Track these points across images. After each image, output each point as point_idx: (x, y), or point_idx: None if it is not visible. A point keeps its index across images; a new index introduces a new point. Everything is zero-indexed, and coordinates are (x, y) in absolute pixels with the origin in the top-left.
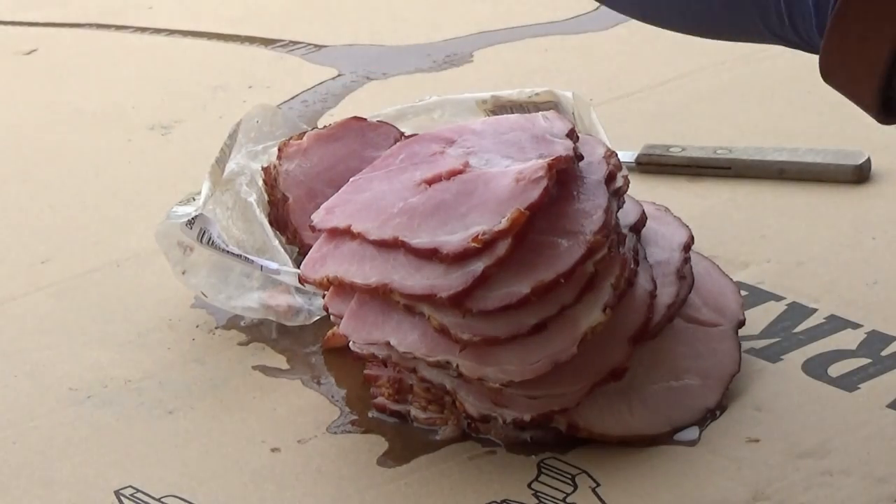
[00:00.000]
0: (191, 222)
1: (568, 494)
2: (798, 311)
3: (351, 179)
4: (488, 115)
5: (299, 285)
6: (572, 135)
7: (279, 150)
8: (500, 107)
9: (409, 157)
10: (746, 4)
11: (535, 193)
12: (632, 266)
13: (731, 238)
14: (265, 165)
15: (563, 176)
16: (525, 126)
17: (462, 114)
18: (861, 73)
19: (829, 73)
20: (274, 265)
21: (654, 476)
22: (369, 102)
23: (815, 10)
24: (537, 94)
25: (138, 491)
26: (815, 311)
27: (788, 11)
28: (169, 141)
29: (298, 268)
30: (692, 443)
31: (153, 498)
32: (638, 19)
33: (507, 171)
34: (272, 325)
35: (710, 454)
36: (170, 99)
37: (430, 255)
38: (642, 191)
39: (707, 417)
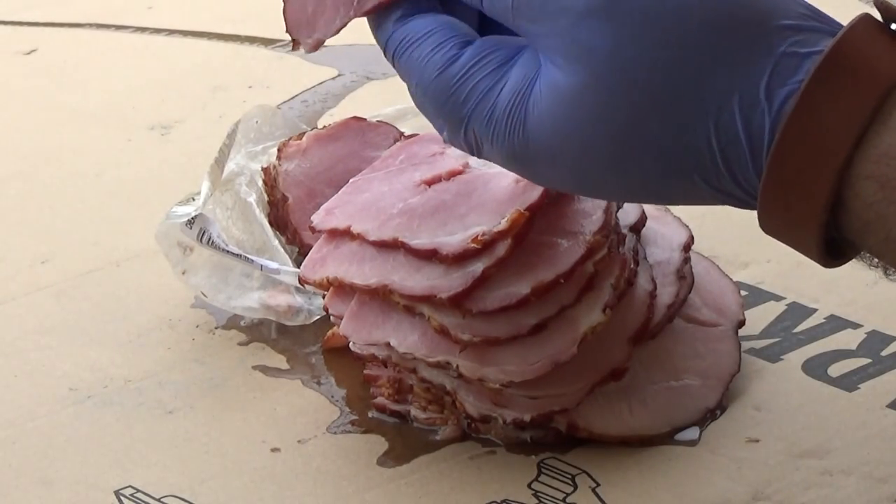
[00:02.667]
0: (191, 222)
1: (568, 494)
2: (798, 311)
3: (351, 180)
4: None
5: (299, 285)
6: None
7: (279, 150)
8: None
9: (408, 158)
10: (681, 158)
11: (534, 194)
12: (632, 266)
13: (731, 238)
14: (265, 166)
15: None
16: None
17: None
18: (803, 217)
19: (768, 222)
20: (274, 265)
21: (654, 476)
22: (369, 102)
23: (750, 155)
24: None
25: (138, 491)
26: (815, 311)
27: (723, 156)
28: (169, 141)
29: (298, 268)
30: (692, 443)
31: (153, 498)
32: (574, 192)
33: (507, 171)
34: (272, 325)
35: (710, 454)
36: (170, 99)
37: (430, 255)
38: None
39: (707, 417)
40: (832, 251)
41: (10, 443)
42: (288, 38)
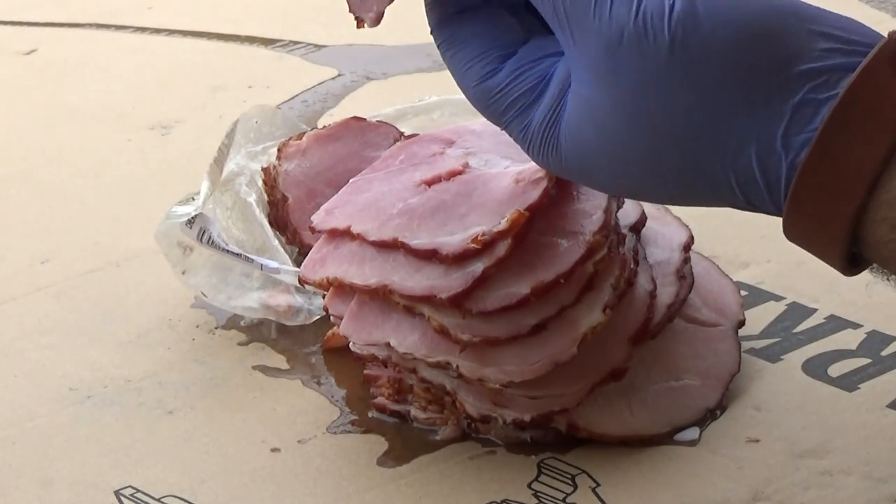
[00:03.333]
0: (191, 222)
1: (568, 494)
2: (798, 311)
3: (350, 180)
4: None
5: (299, 285)
6: None
7: (279, 150)
8: None
9: (408, 158)
10: (702, 186)
11: (535, 194)
12: (632, 266)
13: (731, 238)
14: (265, 166)
15: None
16: None
17: (462, 114)
18: (824, 245)
19: (793, 241)
20: (274, 264)
21: (654, 476)
22: (369, 102)
23: (769, 198)
24: None
25: (138, 491)
26: (815, 311)
27: (742, 192)
28: (169, 141)
29: (298, 267)
30: (692, 443)
31: (153, 498)
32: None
33: (507, 172)
34: (272, 325)
35: (710, 454)
36: (170, 99)
37: (430, 255)
38: None
39: (707, 417)
40: (854, 263)
41: (10, 443)
42: (287, 38)
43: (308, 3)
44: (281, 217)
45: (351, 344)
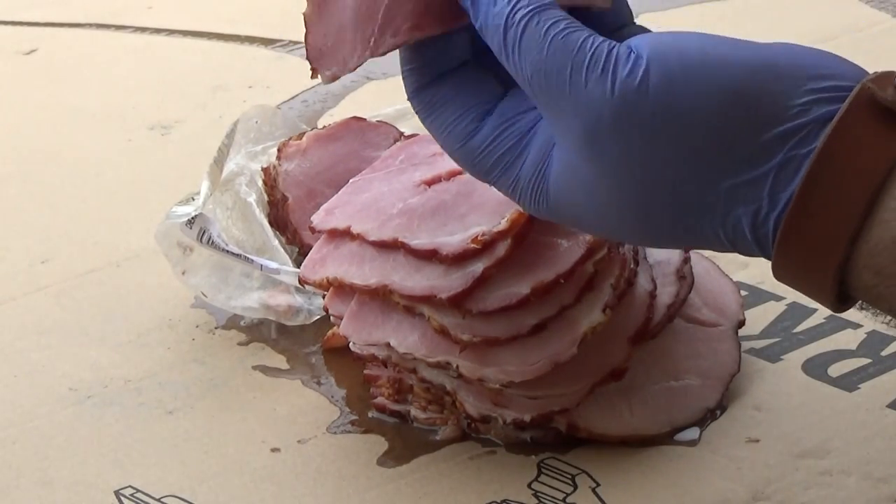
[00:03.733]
0: (191, 222)
1: (568, 494)
2: (798, 311)
3: (350, 180)
4: None
5: (299, 285)
6: None
7: (279, 150)
8: None
9: (408, 158)
10: (693, 242)
11: None
12: (632, 266)
13: None
14: (265, 166)
15: None
16: None
17: None
18: (812, 291)
19: (783, 282)
20: (274, 264)
21: (654, 476)
22: (369, 102)
23: (759, 249)
24: None
25: (138, 491)
26: (815, 311)
27: (733, 245)
28: (169, 141)
29: (298, 267)
30: (692, 443)
31: (153, 498)
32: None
33: None
34: (272, 325)
35: (710, 454)
36: (170, 99)
37: (430, 255)
38: None
39: (707, 417)
40: (843, 300)
41: (10, 443)
42: (287, 38)
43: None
44: (281, 217)
45: (351, 344)
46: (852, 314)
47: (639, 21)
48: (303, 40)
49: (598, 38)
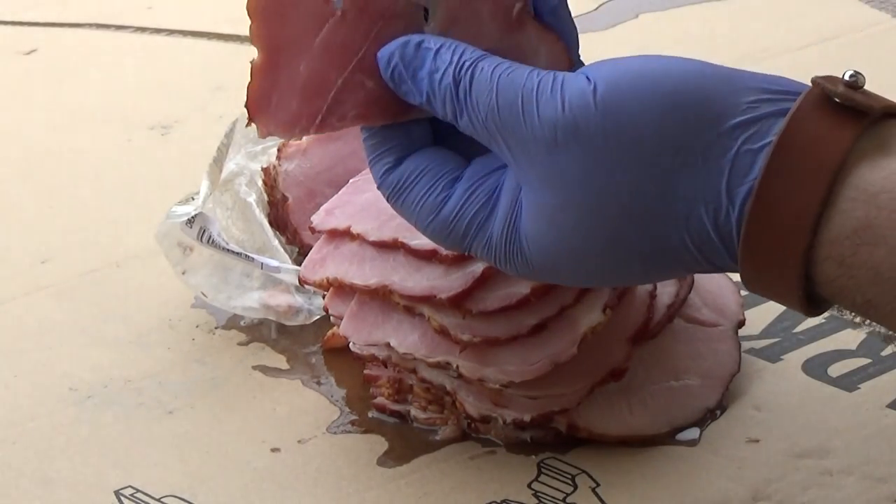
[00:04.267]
0: (191, 221)
1: (568, 494)
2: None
3: (350, 181)
4: None
5: (299, 285)
6: None
7: (278, 150)
8: None
9: None
10: (663, 259)
11: None
12: None
13: None
14: (265, 166)
15: None
16: None
17: None
18: (782, 291)
19: (754, 290)
20: (274, 263)
21: (654, 476)
22: None
23: (725, 251)
24: None
25: (138, 491)
26: None
27: (700, 253)
28: (169, 141)
29: (299, 266)
30: (692, 443)
31: (153, 498)
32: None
33: None
34: (272, 325)
35: (710, 454)
36: (170, 99)
37: (430, 255)
38: None
39: (707, 417)
40: (814, 304)
41: (10, 443)
42: None
43: None
44: (281, 217)
45: (351, 344)
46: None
47: (639, 21)
48: None
49: (543, 71)
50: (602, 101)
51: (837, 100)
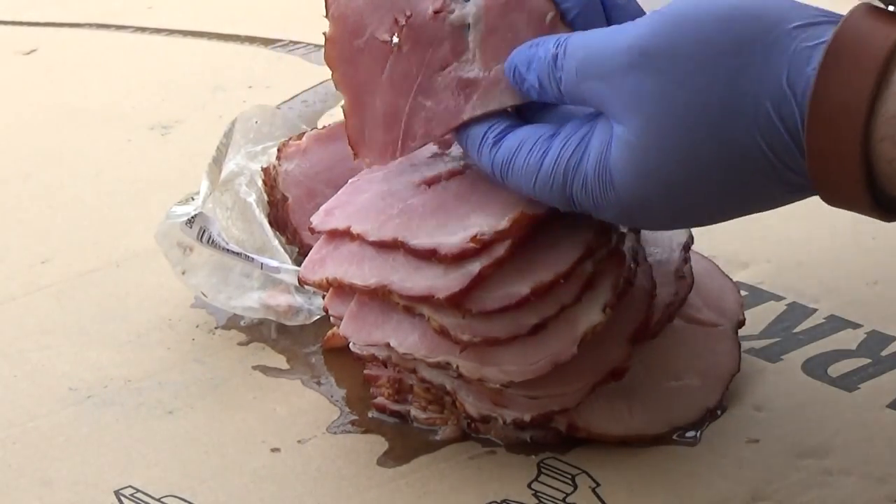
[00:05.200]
0: (191, 221)
1: (568, 494)
2: (798, 311)
3: (350, 181)
4: None
5: (299, 284)
6: None
7: (278, 150)
8: None
9: (408, 158)
10: (742, 167)
11: (542, 205)
12: (631, 266)
13: (731, 238)
14: (265, 166)
15: None
16: None
17: None
18: (846, 184)
19: (825, 197)
20: (274, 263)
21: (654, 476)
22: None
23: (793, 144)
24: None
25: (138, 491)
26: (815, 311)
27: (773, 152)
28: (169, 141)
29: (299, 267)
30: (692, 443)
31: (153, 498)
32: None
33: None
34: (272, 325)
35: (710, 454)
36: (170, 99)
37: (429, 255)
38: None
39: (707, 417)
40: (887, 208)
41: (10, 443)
42: (287, 38)
43: (308, 3)
44: (281, 217)
45: (351, 344)
46: (852, 314)
47: None
48: (303, 40)
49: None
50: (669, 19)
51: (885, 6)
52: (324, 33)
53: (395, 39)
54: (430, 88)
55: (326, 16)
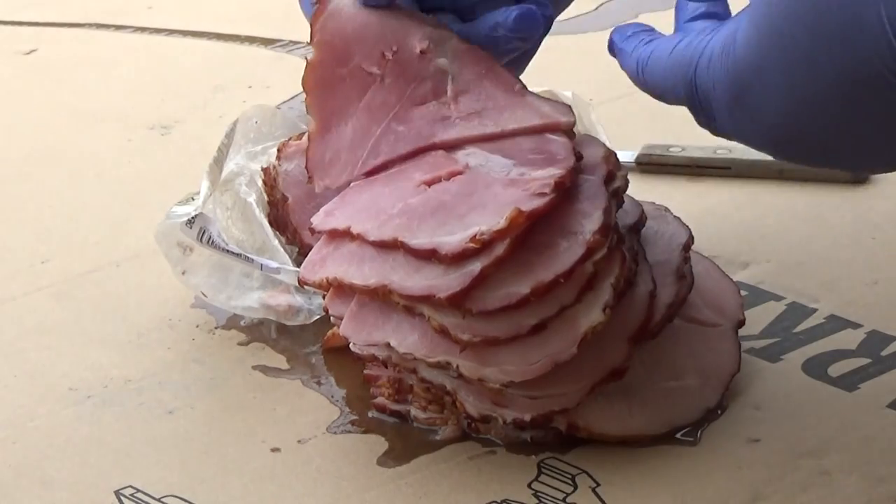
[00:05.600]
0: (191, 221)
1: (568, 494)
2: (798, 311)
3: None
4: None
5: (299, 285)
6: (569, 132)
7: (278, 150)
8: None
9: (408, 159)
10: (863, 49)
11: (538, 202)
12: (631, 266)
13: (731, 238)
14: (265, 166)
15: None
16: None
17: None
18: None
19: None
20: (274, 264)
21: (654, 476)
22: None
23: None
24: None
25: (138, 491)
26: (815, 311)
27: (892, 24)
28: (169, 141)
29: (298, 267)
30: (692, 443)
31: (153, 498)
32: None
33: (510, 178)
34: (272, 325)
35: (710, 454)
36: (170, 99)
37: (429, 255)
38: (642, 191)
39: (707, 417)
40: None
41: (10, 443)
42: (287, 38)
43: None
44: (281, 217)
45: (351, 344)
46: (852, 314)
47: (639, 20)
48: (303, 40)
49: None
50: None
51: None
52: (306, 57)
53: (380, 70)
54: (405, 117)
55: (311, 42)
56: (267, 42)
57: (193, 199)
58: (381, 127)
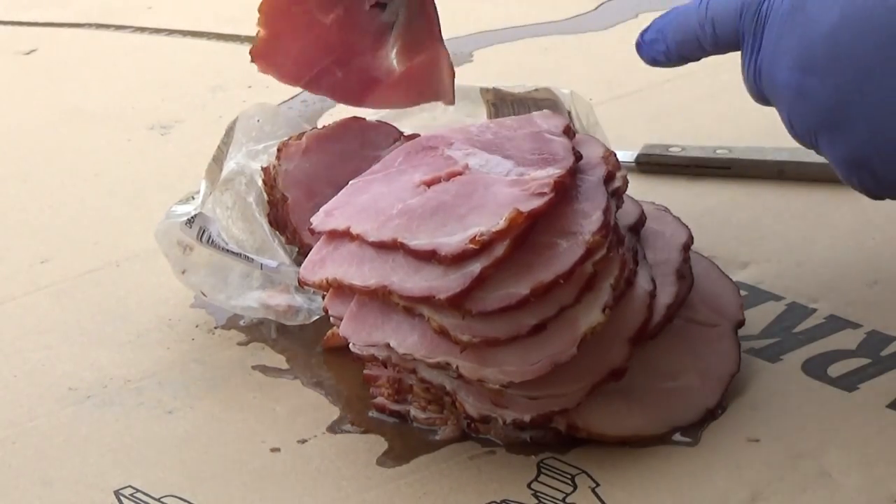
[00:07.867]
0: (190, 221)
1: (568, 494)
2: (798, 311)
3: (350, 182)
4: (490, 106)
5: (299, 285)
6: (568, 131)
7: (279, 150)
8: (501, 99)
9: (408, 159)
10: None
11: (537, 202)
12: (631, 266)
13: (731, 238)
14: (265, 165)
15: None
16: (522, 126)
17: (464, 102)
18: None
19: None
20: (273, 263)
21: (654, 476)
22: None
23: None
24: (536, 90)
25: (138, 491)
26: (814, 311)
27: None
28: (169, 141)
29: (298, 267)
30: (692, 443)
31: (153, 498)
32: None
33: (510, 179)
34: (272, 324)
35: (710, 454)
36: (169, 99)
37: (429, 256)
38: (642, 191)
39: (707, 417)
40: None
41: (10, 443)
42: None
43: None
44: (281, 217)
45: (351, 344)
46: (852, 314)
47: (639, 20)
48: None
49: None
50: None
51: None
52: None
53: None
54: (344, 64)
55: None
56: None
57: (193, 199)
58: (321, 64)
